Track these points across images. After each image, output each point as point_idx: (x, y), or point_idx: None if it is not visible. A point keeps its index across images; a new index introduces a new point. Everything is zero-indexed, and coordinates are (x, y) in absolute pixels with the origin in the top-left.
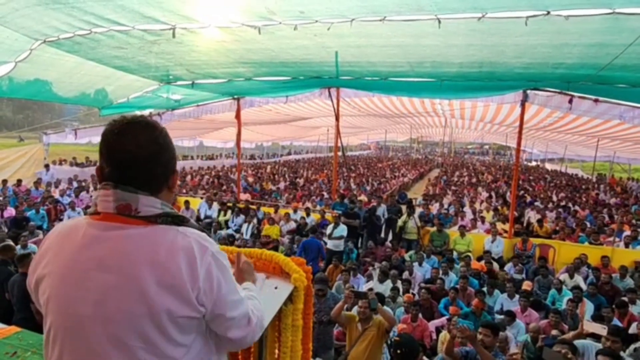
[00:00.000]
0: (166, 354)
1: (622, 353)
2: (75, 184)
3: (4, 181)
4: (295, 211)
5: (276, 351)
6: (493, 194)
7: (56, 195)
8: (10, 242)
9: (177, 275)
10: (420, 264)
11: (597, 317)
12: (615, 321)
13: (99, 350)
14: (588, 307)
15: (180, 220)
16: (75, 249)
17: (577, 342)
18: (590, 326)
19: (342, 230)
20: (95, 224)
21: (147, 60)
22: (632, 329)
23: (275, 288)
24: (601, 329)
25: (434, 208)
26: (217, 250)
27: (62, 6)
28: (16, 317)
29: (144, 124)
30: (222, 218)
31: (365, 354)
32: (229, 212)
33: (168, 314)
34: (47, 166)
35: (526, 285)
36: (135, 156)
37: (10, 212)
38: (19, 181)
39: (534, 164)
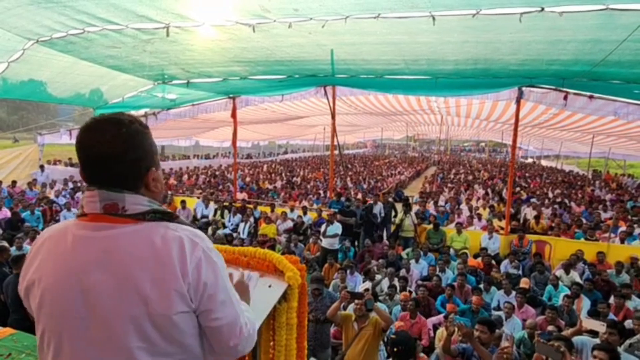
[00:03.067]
0: (164, 352)
1: (617, 348)
2: (70, 185)
3: None
4: (292, 210)
5: (270, 350)
6: (489, 191)
7: (51, 196)
8: (5, 244)
9: (169, 270)
10: (417, 262)
11: (592, 313)
12: (611, 316)
13: (96, 351)
14: (585, 303)
15: (170, 217)
16: (65, 252)
17: (574, 338)
18: (588, 323)
19: (337, 228)
20: (84, 225)
21: (141, 60)
22: (628, 324)
23: (269, 286)
24: (600, 326)
25: (430, 206)
26: (209, 247)
27: (55, 5)
28: (11, 318)
29: (114, 121)
30: (219, 217)
31: (362, 354)
32: (226, 211)
33: (164, 310)
34: (42, 167)
35: (524, 283)
36: (99, 153)
37: (5, 213)
38: (14, 182)
39: (530, 160)
